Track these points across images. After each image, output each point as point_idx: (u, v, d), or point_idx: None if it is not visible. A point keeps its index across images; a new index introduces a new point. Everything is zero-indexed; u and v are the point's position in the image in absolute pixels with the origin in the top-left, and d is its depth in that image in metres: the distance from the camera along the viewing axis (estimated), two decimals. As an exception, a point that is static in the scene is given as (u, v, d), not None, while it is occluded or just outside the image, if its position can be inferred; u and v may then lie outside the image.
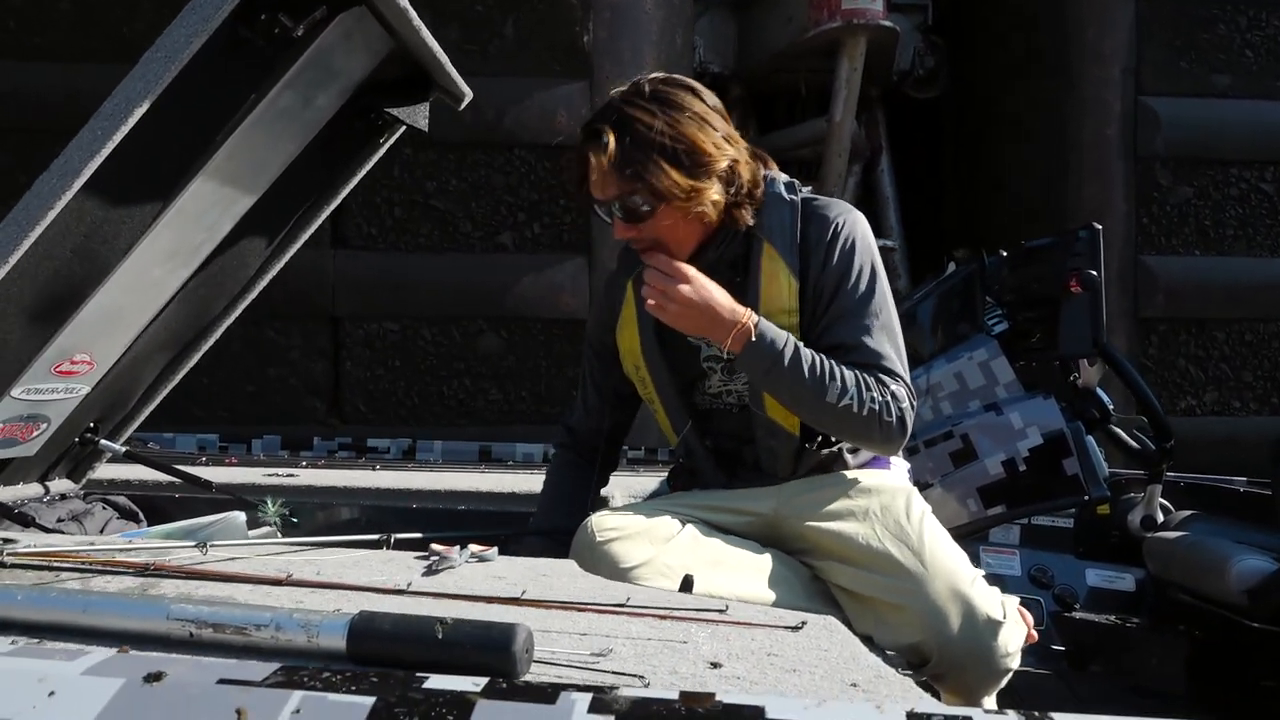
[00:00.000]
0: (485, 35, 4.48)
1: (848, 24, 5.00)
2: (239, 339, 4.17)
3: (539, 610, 1.11)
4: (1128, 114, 5.31)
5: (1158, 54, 5.36)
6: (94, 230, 1.51)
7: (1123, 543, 2.69)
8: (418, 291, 4.53)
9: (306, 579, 1.17)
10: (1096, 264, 2.33)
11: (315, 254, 4.18)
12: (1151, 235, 5.45)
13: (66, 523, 1.93)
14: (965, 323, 2.53)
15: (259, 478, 2.30)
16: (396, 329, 4.57)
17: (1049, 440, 2.25)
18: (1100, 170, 5.30)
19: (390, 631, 0.88)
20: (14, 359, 1.62)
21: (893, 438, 1.60)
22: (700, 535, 1.60)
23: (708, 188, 1.57)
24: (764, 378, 1.58)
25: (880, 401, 1.56)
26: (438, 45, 1.72)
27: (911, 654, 1.53)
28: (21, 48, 4.13)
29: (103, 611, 0.96)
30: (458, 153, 4.53)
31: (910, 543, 1.57)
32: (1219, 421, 5.58)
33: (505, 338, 4.73)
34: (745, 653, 1.01)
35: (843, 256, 1.62)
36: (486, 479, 2.45)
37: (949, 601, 1.51)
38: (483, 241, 4.64)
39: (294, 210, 1.97)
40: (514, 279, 4.60)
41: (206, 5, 1.34)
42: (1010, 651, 1.54)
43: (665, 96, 1.58)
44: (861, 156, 5.77)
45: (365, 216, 4.46)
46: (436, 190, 4.58)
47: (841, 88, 5.14)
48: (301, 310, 4.35)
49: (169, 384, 2.08)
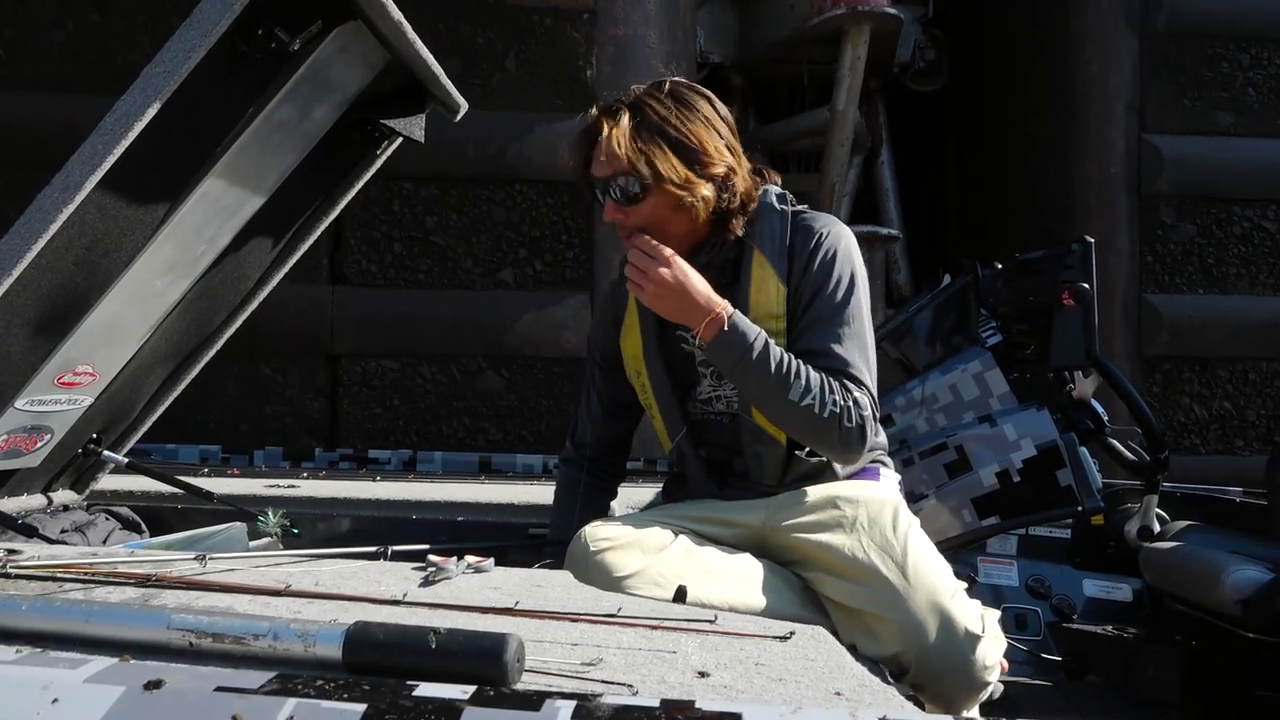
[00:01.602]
0: (487, 69, 4.40)
1: (852, 11, 4.92)
2: (234, 377, 4.10)
3: (532, 620, 1.13)
4: (1131, 151, 5.31)
5: (1161, 91, 5.36)
6: (96, 242, 1.53)
7: (1119, 553, 2.70)
8: (417, 329, 4.43)
9: (305, 589, 1.19)
10: (1089, 276, 2.35)
11: (313, 291, 4.12)
12: (1155, 273, 5.43)
13: (70, 534, 1.96)
14: (959, 335, 2.55)
15: (260, 489, 2.32)
16: (395, 367, 4.45)
17: (1043, 451, 2.27)
18: (1104, 208, 5.29)
19: (385, 641, 0.91)
20: (17, 370, 1.64)
21: (851, 444, 1.62)
22: (693, 546, 1.61)
23: (701, 184, 1.63)
24: (732, 369, 1.62)
25: (842, 406, 1.59)
26: (433, 58, 1.76)
27: (892, 664, 1.55)
28: (13, 78, 4.07)
29: (105, 621, 0.98)
30: (459, 188, 4.45)
31: (895, 555, 1.58)
32: (1222, 460, 5.57)
33: (506, 376, 4.65)
34: (733, 662, 1.03)
35: (823, 265, 1.67)
36: (486, 490, 2.48)
37: (928, 614, 1.53)
38: (483, 278, 4.54)
39: (292, 222, 2.00)
40: (515, 316, 4.51)
41: (205, 20, 1.37)
42: (989, 665, 1.55)
43: (681, 96, 1.66)
44: (862, 148, 5.73)
45: (364, 253, 4.37)
46: (437, 226, 4.49)
47: (845, 76, 5.06)
48: (298, 348, 4.26)
49: (171, 395, 2.11)
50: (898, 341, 2.65)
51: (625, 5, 4.50)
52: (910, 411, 2.42)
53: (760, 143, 5.67)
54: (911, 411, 2.42)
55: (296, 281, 3.82)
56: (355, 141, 1.92)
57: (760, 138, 5.66)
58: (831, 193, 5.08)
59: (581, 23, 4.51)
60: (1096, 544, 2.74)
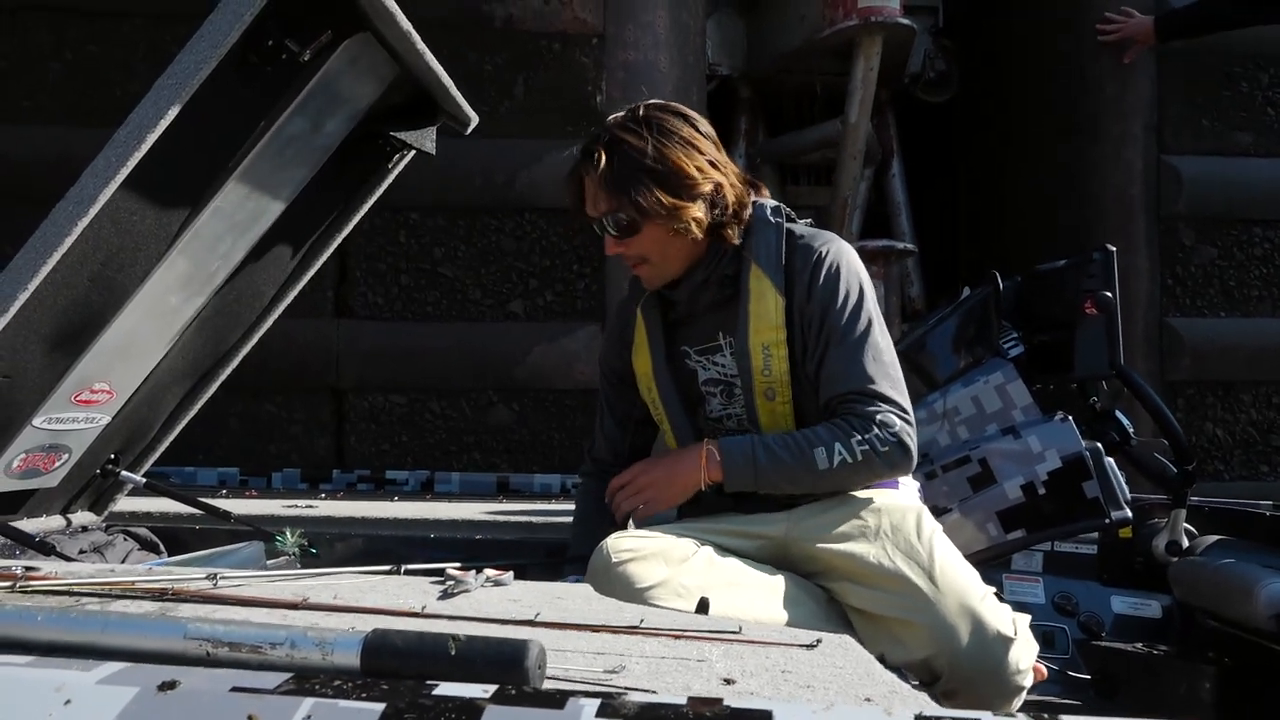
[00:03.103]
0: (495, 96, 4.32)
1: (865, 22, 4.84)
2: (237, 414, 4.00)
3: (553, 631, 1.11)
4: (1149, 172, 5.26)
5: (1179, 111, 5.31)
6: (111, 257, 1.53)
7: (1148, 569, 2.65)
8: (425, 362, 4.30)
9: (322, 603, 1.18)
10: (1111, 285, 2.32)
11: (318, 324, 4.03)
12: (1176, 297, 5.35)
13: (88, 554, 1.95)
14: (981, 346, 2.52)
15: (278, 509, 2.31)
16: (403, 402, 4.31)
17: (1068, 463, 2.23)
18: (1123, 230, 5.23)
19: (404, 648, 0.89)
20: (35, 387, 1.64)
21: (897, 463, 1.63)
22: (715, 557, 1.60)
23: (689, 207, 1.64)
24: (758, 483, 1.64)
25: (869, 439, 1.60)
26: (443, 70, 1.77)
27: (922, 670, 1.53)
28: (10, 110, 4.00)
29: (120, 631, 0.96)
30: (467, 218, 4.33)
31: (921, 560, 1.57)
32: (1247, 486, 5.46)
33: (517, 410, 4.51)
34: (759, 670, 1.00)
35: (827, 283, 1.67)
36: (504, 510, 2.46)
37: (959, 617, 1.51)
38: (493, 310, 4.40)
39: (305, 238, 2.00)
40: (526, 348, 4.36)
41: (215, 31, 1.38)
42: (1022, 669, 1.53)
43: (657, 122, 1.66)
44: (873, 160, 5.66)
45: (370, 285, 4.26)
46: (445, 257, 4.38)
47: (857, 88, 4.96)
48: (303, 383, 4.13)
49: (188, 414, 2.10)
50: (917, 354, 2.62)
51: (635, 29, 4.46)
52: (932, 424, 2.39)
53: (770, 156, 5.63)
54: (933, 424, 2.38)
55: (301, 315, 3.75)
56: (367, 156, 1.93)
57: (769, 150, 5.61)
58: (844, 206, 5.00)
59: (590, 47, 4.46)
60: (1124, 559, 2.69)
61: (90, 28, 3.51)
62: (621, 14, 4.26)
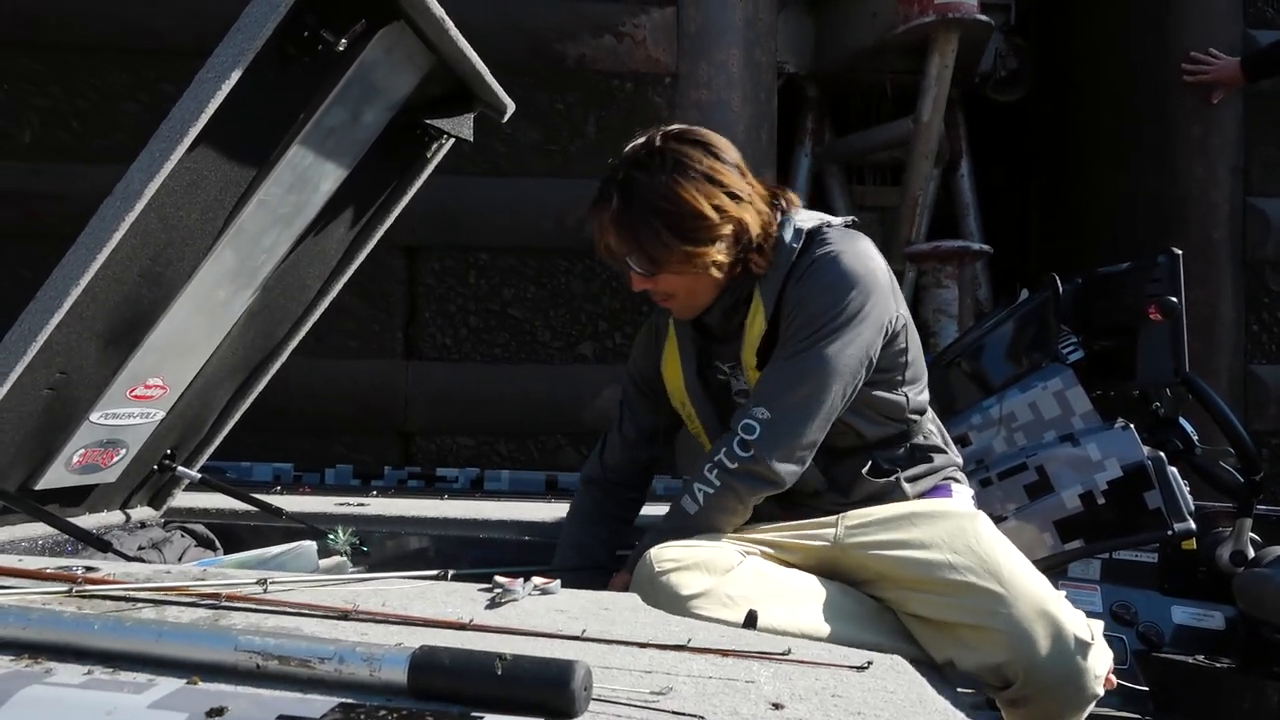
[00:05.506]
0: (566, 135, 4.26)
1: (942, 18, 4.71)
2: (306, 454, 4.04)
3: (600, 645, 1.10)
4: (1235, 215, 5.09)
5: (1266, 153, 5.12)
6: (159, 252, 1.55)
7: (1211, 579, 2.57)
8: (494, 405, 4.21)
9: (371, 610, 1.19)
10: (1177, 290, 2.25)
11: (387, 365, 4.02)
12: (1262, 343, 5.18)
13: (147, 550, 1.99)
14: (1039, 351, 2.46)
15: (331, 507, 2.33)
16: (471, 444, 4.22)
17: (1129, 472, 2.17)
18: (1207, 275, 5.05)
19: (450, 666, 0.89)
20: (90, 383, 1.67)
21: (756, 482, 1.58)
22: (761, 567, 1.58)
23: (707, 251, 1.58)
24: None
25: (718, 459, 1.58)
26: (479, 58, 1.76)
27: (994, 676, 1.49)
28: (86, 150, 4.05)
29: (174, 641, 0.98)
30: (537, 258, 4.25)
31: (987, 564, 1.53)
32: None
33: (585, 453, 4.49)
34: (809, 693, 0.98)
35: (795, 295, 1.62)
36: (553, 510, 2.46)
37: (1036, 621, 1.47)
38: (562, 352, 4.30)
39: (349, 230, 2.02)
40: (594, 391, 4.22)
41: (252, 23, 1.38)
42: (1099, 675, 1.49)
43: (674, 156, 1.59)
44: (942, 159, 5.53)
45: (439, 326, 4.22)
46: (514, 298, 4.32)
47: (931, 86, 4.82)
48: (371, 424, 4.07)
49: (240, 409, 2.14)
50: (973, 358, 2.57)
51: (708, 68, 4.38)
52: (987, 430, 2.34)
53: (836, 156, 5.54)
54: (989, 430, 2.34)
55: (369, 356, 3.80)
56: (407, 146, 1.94)
57: (836, 150, 5.52)
58: (914, 206, 4.90)
59: (663, 87, 4.37)
60: (1186, 569, 2.62)
61: (164, 67, 3.58)
62: (694, 53, 4.20)
